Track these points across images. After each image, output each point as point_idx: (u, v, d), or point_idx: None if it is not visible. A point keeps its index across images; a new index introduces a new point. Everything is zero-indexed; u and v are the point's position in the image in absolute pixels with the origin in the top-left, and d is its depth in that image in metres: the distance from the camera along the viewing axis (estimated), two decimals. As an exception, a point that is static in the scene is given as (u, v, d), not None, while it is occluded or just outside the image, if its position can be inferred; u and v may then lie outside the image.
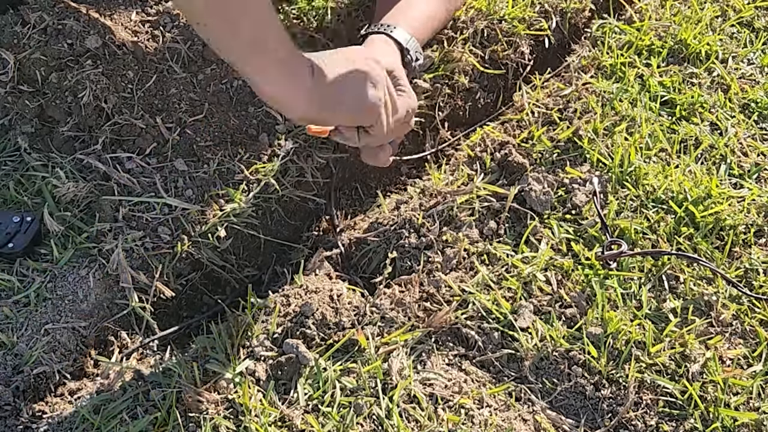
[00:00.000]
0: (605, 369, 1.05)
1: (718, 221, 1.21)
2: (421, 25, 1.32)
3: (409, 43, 1.25)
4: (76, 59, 1.27)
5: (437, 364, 1.04)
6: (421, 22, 1.33)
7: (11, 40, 1.28)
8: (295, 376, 1.00)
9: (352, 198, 1.39)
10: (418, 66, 1.29)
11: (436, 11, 1.39)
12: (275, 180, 1.26)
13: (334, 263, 1.21)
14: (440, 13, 1.41)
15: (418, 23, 1.31)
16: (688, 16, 1.59)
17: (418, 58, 1.28)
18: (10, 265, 1.12)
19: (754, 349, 1.09)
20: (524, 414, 1.01)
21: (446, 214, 1.22)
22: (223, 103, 1.32)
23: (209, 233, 1.19)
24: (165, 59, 1.31)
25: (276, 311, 1.06)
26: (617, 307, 1.11)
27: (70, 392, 1.04)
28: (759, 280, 1.16)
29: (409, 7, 1.33)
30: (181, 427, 0.94)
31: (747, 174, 1.31)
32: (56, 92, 1.26)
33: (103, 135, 1.25)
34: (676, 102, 1.41)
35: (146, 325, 1.12)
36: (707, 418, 1.02)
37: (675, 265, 1.16)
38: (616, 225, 1.20)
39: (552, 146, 1.31)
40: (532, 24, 1.53)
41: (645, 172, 1.27)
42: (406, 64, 1.25)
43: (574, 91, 1.41)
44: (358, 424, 0.96)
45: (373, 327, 1.06)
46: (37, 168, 1.22)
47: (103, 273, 1.12)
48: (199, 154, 1.27)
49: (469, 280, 1.13)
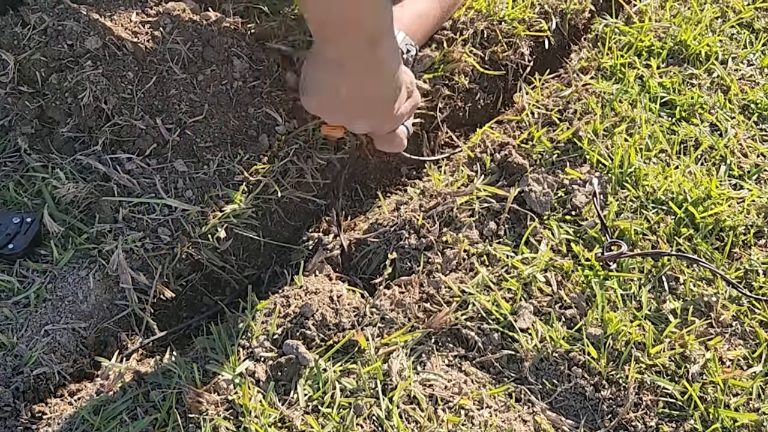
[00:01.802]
0: (605, 370, 1.05)
1: (718, 222, 1.22)
2: (411, 21, 1.35)
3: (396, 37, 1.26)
4: (76, 60, 1.27)
5: (437, 365, 1.04)
6: (411, 19, 1.36)
7: (11, 41, 1.28)
8: (295, 377, 1.00)
9: (352, 199, 1.39)
10: (410, 58, 1.31)
11: (428, 8, 1.41)
12: (275, 181, 1.26)
13: (334, 264, 1.21)
14: (434, 10, 1.42)
15: (408, 20, 1.34)
16: (688, 17, 1.59)
17: (409, 50, 1.31)
18: (10, 266, 1.11)
19: (754, 350, 1.09)
20: (524, 415, 1.01)
21: (446, 215, 1.22)
22: (223, 104, 1.31)
23: (209, 234, 1.19)
24: (165, 60, 1.31)
25: (276, 312, 1.06)
26: (617, 308, 1.11)
27: (70, 393, 1.04)
28: (759, 281, 1.16)
29: (400, 7, 1.36)
30: (181, 428, 0.94)
31: (747, 175, 1.31)
32: (56, 93, 1.26)
33: (103, 136, 1.25)
34: (676, 103, 1.41)
35: (146, 326, 1.12)
36: (707, 419, 1.02)
37: (675, 266, 1.16)
38: (616, 226, 1.20)
39: (552, 147, 1.31)
40: (531, 25, 1.53)
41: (645, 173, 1.27)
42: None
43: (574, 92, 1.41)
44: (358, 425, 0.96)
45: (373, 328, 1.06)
46: (37, 169, 1.22)
47: (103, 274, 1.12)
48: (199, 155, 1.28)
49: (469, 281, 1.13)
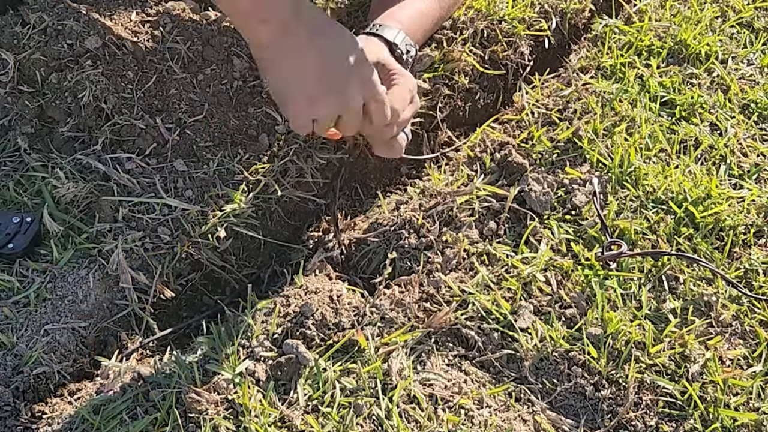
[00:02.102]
0: (605, 369, 1.05)
1: (718, 222, 1.22)
2: (411, 21, 1.33)
3: (396, 38, 1.25)
4: (75, 60, 1.27)
5: (437, 365, 1.04)
6: (411, 18, 1.33)
7: (11, 40, 1.28)
8: (294, 377, 1.00)
9: (352, 198, 1.39)
10: (410, 58, 1.29)
11: (428, 8, 1.39)
12: (275, 180, 1.26)
13: (334, 264, 1.21)
14: (433, 10, 1.40)
15: (408, 20, 1.32)
16: (688, 17, 1.59)
17: (409, 50, 1.28)
18: (10, 266, 1.11)
19: (754, 349, 1.09)
20: (524, 414, 1.01)
21: (446, 214, 1.22)
22: (222, 104, 1.31)
23: (209, 234, 1.19)
24: (165, 59, 1.31)
25: (276, 311, 1.06)
26: (617, 307, 1.11)
27: (70, 393, 1.04)
28: (759, 280, 1.16)
29: (399, 8, 1.34)
30: (181, 427, 0.94)
31: (747, 174, 1.31)
32: (56, 93, 1.26)
33: (103, 135, 1.25)
34: (675, 102, 1.41)
35: (146, 325, 1.12)
36: (707, 418, 1.02)
37: (675, 265, 1.16)
38: (616, 225, 1.20)
39: (552, 147, 1.31)
40: (532, 24, 1.53)
41: (645, 172, 1.27)
42: (397, 57, 1.25)
43: (574, 91, 1.41)
44: (357, 424, 0.96)
45: (372, 327, 1.06)
46: (37, 168, 1.22)
47: (102, 273, 1.12)
48: (199, 155, 1.27)
49: (468, 281, 1.13)
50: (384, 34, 1.25)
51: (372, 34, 1.25)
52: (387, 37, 1.25)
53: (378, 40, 1.24)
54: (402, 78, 1.15)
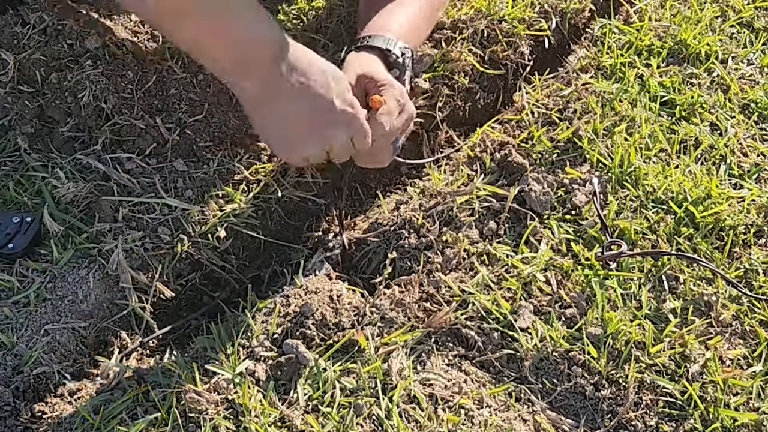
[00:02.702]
0: (605, 369, 1.05)
1: (718, 221, 1.22)
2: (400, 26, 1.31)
3: (388, 44, 1.24)
4: (75, 59, 1.27)
5: (437, 365, 1.04)
6: (400, 24, 1.32)
7: (11, 40, 1.28)
8: (294, 377, 1.00)
9: (352, 198, 1.39)
10: (407, 60, 1.27)
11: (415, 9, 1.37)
12: (275, 180, 1.26)
13: (334, 263, 1.21)
14: (422, 9, 1.38)
15: (396, 26, 1.30)
16: (688, 17, 1.59)
17: (404, 53, 1.26)
18: (10, 266, 1.11)
19: (754, 349, 1.09)
20: (524, 414, 1.01)
21: (446, 214, 1.22)
22: (222, 104, 1.32)
23: (209, 233, 1.19)
24: (165, 59, 1.31)
25: (276, 311, 1.06)
26: (617, 307, 1.11)
27: (70, 393, 1.03)
28: (759, 280, 1.16)
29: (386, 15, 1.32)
30: (181, 427, 0.94)
31: (747, 174, 1.31)
32: (56, 93, 1.26)
33: (103, 135, 1.25)
34: (675, 102, 1.41)
35: (146, 325, 1.12)
36: (707, 418, 1.02)
37: (675, 265, 1.16)
38: (616, 225, 1.20)
39: (552, 146, 1.31)
40: (531, 24, 1.53)
41: (645, 172, 1.27)
42: (393, 63, 1.24)
43: (574, 91, 1.41)
44: (357, 424, 0.96)
45: (372, 327, 1.06)
46: (37, 168, 1.22)
47: (102, 273, 1.12)
48: (199, 155, 1.28)
49: (468, 281, 1.13)
50: (374, 44, 1.24)
51: (362, 47, 1.24)
52: (378, 46, 1.24)
53: (368, 53, 1.23)
54: (390, 89, 1.15)
